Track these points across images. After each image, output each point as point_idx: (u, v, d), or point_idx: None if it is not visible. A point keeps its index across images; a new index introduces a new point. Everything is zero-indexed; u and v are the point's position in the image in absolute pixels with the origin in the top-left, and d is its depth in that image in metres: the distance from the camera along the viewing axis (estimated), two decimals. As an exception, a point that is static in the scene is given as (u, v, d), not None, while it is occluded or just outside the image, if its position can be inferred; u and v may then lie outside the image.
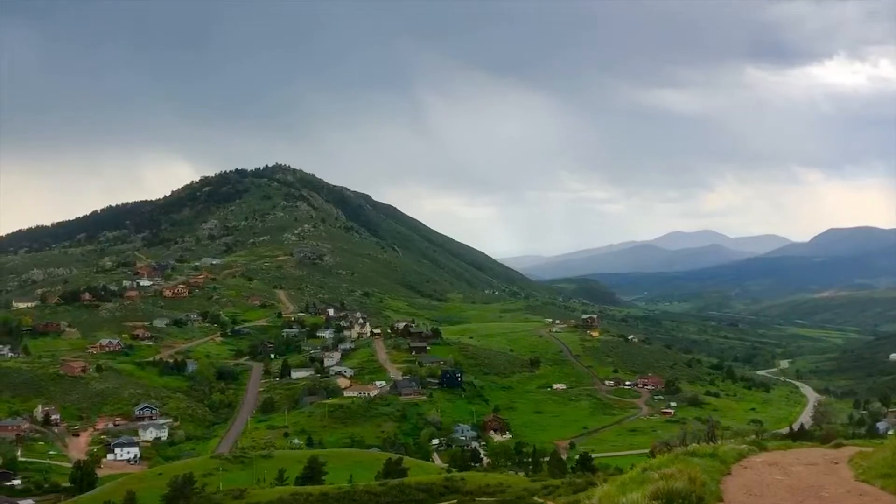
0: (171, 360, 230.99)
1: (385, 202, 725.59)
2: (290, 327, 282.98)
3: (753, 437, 46.77)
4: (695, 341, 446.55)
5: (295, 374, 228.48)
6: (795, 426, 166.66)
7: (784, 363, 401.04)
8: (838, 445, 36.99)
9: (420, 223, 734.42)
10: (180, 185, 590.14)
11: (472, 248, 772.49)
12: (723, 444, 30.83)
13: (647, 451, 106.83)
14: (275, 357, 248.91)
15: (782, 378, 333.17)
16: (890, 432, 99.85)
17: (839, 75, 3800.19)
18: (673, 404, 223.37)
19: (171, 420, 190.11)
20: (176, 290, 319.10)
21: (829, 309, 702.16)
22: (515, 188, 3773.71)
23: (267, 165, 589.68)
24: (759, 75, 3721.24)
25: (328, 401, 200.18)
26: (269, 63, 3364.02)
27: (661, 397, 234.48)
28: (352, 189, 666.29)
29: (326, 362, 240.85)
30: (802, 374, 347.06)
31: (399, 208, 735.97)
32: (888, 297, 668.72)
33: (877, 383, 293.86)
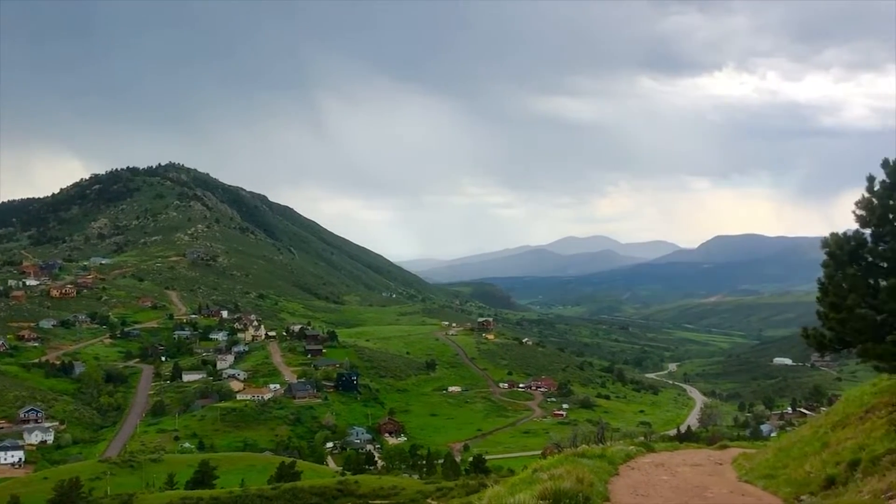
0: (58, 362, 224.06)
1: (282, 203, 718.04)
2: (182, 329, 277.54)
3: (642, 438, 47.97)
4: (587, 344, 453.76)
5: (186, 377, 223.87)
6: (683, 428, 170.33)
7: (672, 366, 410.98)
8: (723, 447, 38.22)
9: (318, 225, 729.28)
10: (70, 183, 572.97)
11: (370, 251, 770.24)
12: (612, 445, 31.52)
13: (539, 452, 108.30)
14: (166, 359, 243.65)
15: (671, 381, 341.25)
16: (773, 434, 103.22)
17: (728, 86, 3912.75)
18: (565, 406, 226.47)
19: (57, 423, 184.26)
20: (64, 291, 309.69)
21: (716, 314, 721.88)
22: (415, 192, 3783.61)
23: (160, 164, 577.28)
24: (652, 85, 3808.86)
25: (221, 404, 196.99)
26: (165, 61, 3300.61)
27: (553, 399, 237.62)
28: (248, 189, 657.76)
29: (219, 365, 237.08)
30: (690, 378, 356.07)
31: (296, 210, 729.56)
32: (773, 302, 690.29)
33: (761, 386, 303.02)
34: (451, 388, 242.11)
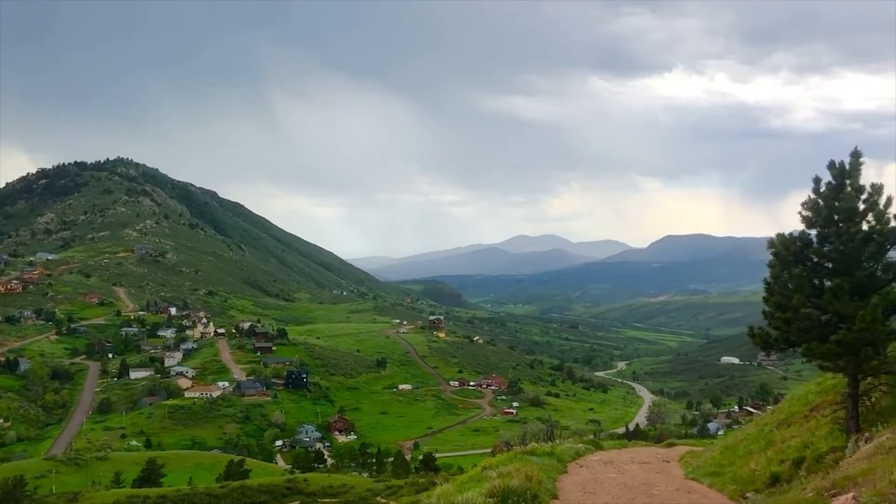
0: (3, 359, 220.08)
1: (232, 199, 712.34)
2: (130, 326, 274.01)
3: (591, 436, 48.27)
4: (537, 343, 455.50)
5: (134, 374, 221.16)
6: (631, 426, 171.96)
7: (621, 365, 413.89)
8: (671, 445, 38.68)
9: (269, 222, 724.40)
10: (16, 177, 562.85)
11: (322, 248, 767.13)
12: (561, 443, 31.72)
13: (489, 450, 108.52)
14: (113, 356, 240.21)
15: (619, 379, 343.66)
16: (720, 432, 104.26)
17: (678, 88, 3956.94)
18: (515, 404, 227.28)
19: (1, 420, 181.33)
20: (9, 286, 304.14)
21: (665, 313, 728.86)
22: (367, 189, 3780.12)
23: (108, 158, 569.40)
24: (604, 85, 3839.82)
25: (168, 402, 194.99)
26: (114, 54, 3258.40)
27: (503, 397, 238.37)
28: (197, 185, 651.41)
29: (167, 362, 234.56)
30: (639, 376, 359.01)
31: (247, 206, 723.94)
32: (720, 302, 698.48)
33: (708, 385, 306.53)
34: (401, 387, 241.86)
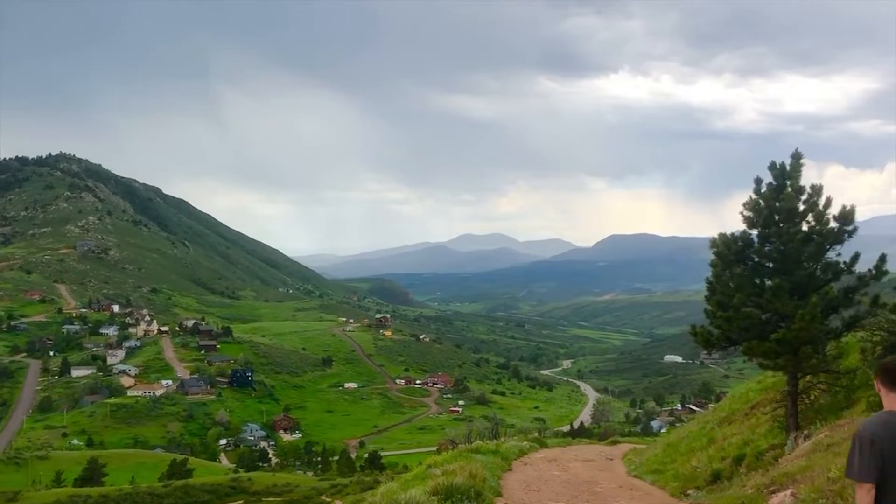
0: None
1: (177, 196, 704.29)
2: (72, 323, 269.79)
3: (536, 434, 48.50)
4: (483, 341, 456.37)
5: (76, 373, 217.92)
6: (576, 424, 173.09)
7: (567, 363, 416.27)
8: (614, 442, 39.04)
9: (213, 218, 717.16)
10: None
11: (267, 246, 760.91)
12: (506, 441, 31.82)
13: (434, 448, 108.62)
14: (54, 354, 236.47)
15: (565, 377, 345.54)
16: (663, 430, 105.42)
17: (624, 88, 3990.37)
18: (461, 402, 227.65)
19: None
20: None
21: (610, 312, 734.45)
22: (314, 187, 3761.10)
23: (50, 154, 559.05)
24: (551, 85, 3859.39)
25: (111, 400, 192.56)
26: (56, 48, 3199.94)
27: (450, 396, 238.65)
28: (141, 181, 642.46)
29: (110, 360, 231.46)
30: (583, 374, 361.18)
31: (191, 203, 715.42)
32: (664, 301, 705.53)
33: (652, 383, 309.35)
34: (347, 385, 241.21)
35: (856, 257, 19.01)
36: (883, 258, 18.50)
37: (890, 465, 5.74)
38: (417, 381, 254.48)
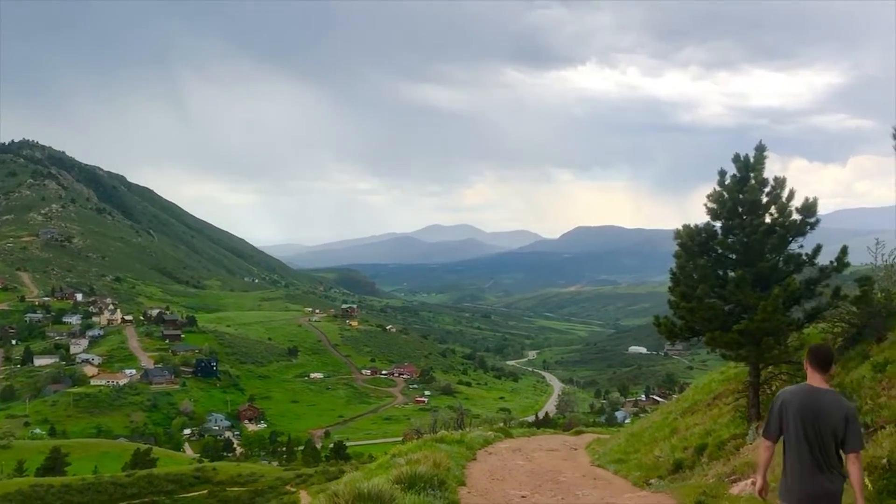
0: None
1: (141, 184, 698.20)
2: (34, 312, 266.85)
3: (501, 424, 48.61)
4: (450, 332, 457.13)
5: (38, 362, 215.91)
6: (541, 414, 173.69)
7: (532, 354, 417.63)
8: (578, 433, 39.25)
9: (179, 207, 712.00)
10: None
11: (233, 235, 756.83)
12: (471, 431, 31.90)
13: (400, 438, 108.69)
14: (16, 343, 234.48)
15: (530, 368, 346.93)
16: (627, 420, 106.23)
17: (591, 80, 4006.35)
18: (427, 393, 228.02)
19: None
20: None
21: (576, 303, 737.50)
22: (281, 176, 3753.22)
23: (13, 140, 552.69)
24: (519, 76, 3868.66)
25: (74, 389, 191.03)
26: (19, 34, 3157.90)
27: (416, 386, 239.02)
28: (105, 169, 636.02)
29: (73, 349, 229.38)
30: (549, 365, 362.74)
31: (156, 191, 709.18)
32: (629, 292, 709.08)
33: (617, 374, 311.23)
34: (312, 375, 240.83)
35: (818, 249, 19.20)
36: (844, 250, 18.69)
37: (788, 427, 6.99)
38: (383, 372, 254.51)
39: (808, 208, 18.86)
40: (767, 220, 18.88)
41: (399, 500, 10.19)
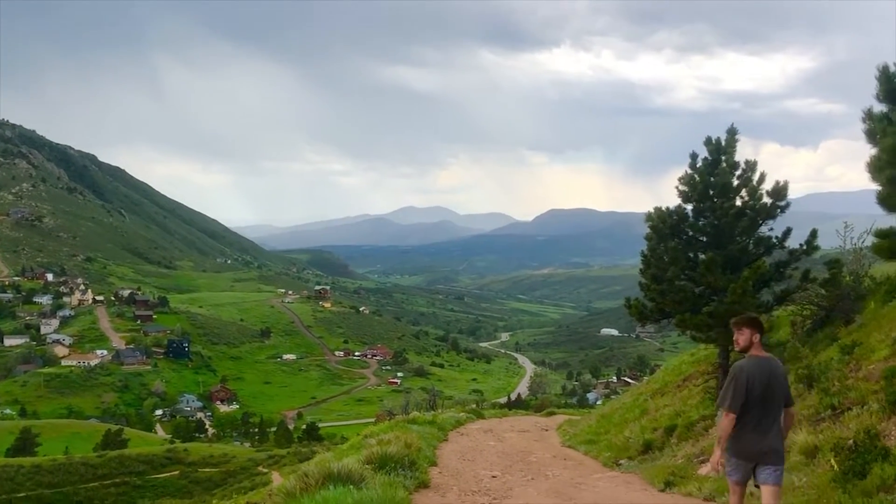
0: None
1: (113, 164, 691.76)
2: (4, 292, 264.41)
3: (473, 405, 48.83)
4: (423, 314, 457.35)
5: (8, 342, 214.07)
6: (513, 396, 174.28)
7: (505, 336, 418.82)
8: (550, 414, 39.41)
9: (151, 187, 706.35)
10: None
11: (205, 216, 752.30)
12: (443, 412, 31.99)
13: (372, 419, 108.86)
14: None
15: (503, 350, 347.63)
16: (598, 402, 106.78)
17: (565, 63, 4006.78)
18: (400, 374, 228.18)
19: None
20: None
21: (549, 285, 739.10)
22: (253, 157, 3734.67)
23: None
24: (493, 59, 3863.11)
25: (44, 370, 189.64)
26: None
27: (388, 368, 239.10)
28: (77, 148, 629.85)
29: (43, 329, 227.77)
30: (521, 347, 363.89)
31: (128, 171, 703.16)
32: (601, 275, 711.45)
33: (589, 356, 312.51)
34: (285, 356, 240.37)
35: (787, 232, 19.34)
36: (814, 234, 18.83)
37: (752, 394, 7.81)
38: (356, 353, 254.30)
39: (779, 192, 18.99)
40: (738, 202, 18.99)
41: (369, 480, 10.20)
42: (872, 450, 9.43)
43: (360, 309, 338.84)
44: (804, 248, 19.00)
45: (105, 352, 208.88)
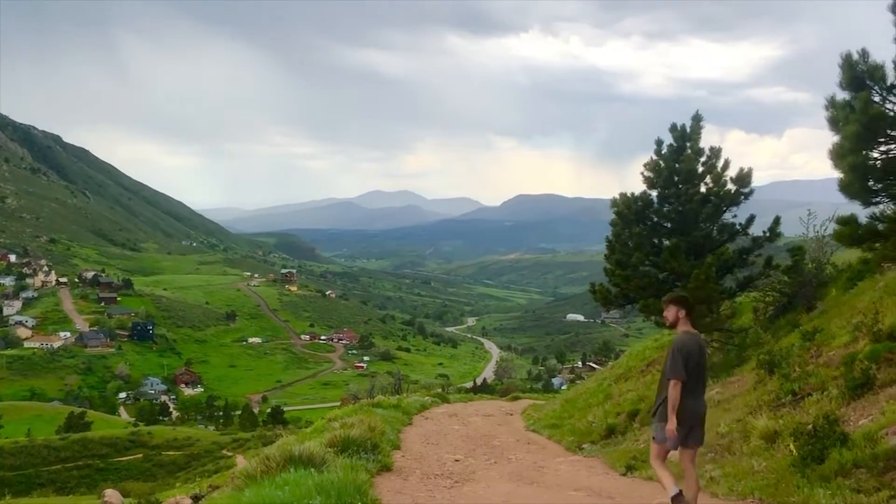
0: None
1: (78, 144, 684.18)
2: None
3: (439, 390, 48.87)
4: (390, 298, 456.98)
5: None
6: (479, 380, 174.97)
7: (471, 321, 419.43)
8: (515, 398, 39.55)
9: (115, 168, 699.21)
10: None
11: (171, 198, 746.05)
12: (408, 396, 32.01)
13: (338, 403, 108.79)
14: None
15: (469, 335, 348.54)
16: (563, 387, 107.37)
17: (533, 49, 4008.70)
18: (366, 359, 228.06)
19: None
20: None
21: (515, 271, 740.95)
22: (218, 139, 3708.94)
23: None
24: (461, 43, 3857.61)
25: (6, 351, 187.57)
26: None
27: (355, 352, 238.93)
28: (40, 128, 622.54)
29: (6, 311, 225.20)
30: (488, 332, 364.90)
31: (93, 152, 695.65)
32: (568, 261, 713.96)
33: (554, 341, 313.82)
34: (251, 340, 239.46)
35: (751, 219, 19.47)
36: (777, 221, 18.98)
37: (689, 365, 8.64)
38: (322, 337, 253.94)
39: (743, 178, 19.10)
40: (703, 189, 19.09)
41: (331, 463, 10.18)
42: (831, 435, 9.53)
43: (327, 293, 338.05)
44: (767, 235, 19.15)
45: (68, 334, 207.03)
